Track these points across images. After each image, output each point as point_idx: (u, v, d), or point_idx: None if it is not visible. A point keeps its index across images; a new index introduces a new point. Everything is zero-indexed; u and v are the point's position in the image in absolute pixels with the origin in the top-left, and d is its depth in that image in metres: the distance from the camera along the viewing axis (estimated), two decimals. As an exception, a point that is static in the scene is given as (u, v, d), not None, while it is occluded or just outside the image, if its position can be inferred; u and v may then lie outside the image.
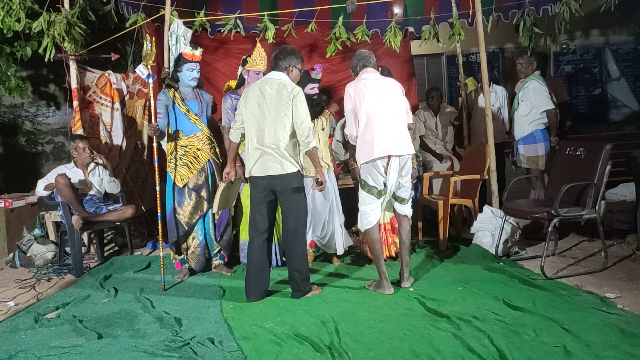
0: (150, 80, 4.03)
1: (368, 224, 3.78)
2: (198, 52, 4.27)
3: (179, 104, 4.24)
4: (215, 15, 5.51)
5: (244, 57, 4.43)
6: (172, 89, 4.28)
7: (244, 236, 4.45)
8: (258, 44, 4.40)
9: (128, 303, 3.79)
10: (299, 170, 3.66)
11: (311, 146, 3.61)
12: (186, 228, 4.27)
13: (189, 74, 4.25)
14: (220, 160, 4.50)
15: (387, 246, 4.36)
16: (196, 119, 4.28)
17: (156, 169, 4.10)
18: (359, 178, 3.84)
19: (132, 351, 2.85)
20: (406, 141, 3.75)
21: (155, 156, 4.09)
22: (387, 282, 3.76)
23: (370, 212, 3.77)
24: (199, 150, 4.28)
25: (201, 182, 4.28)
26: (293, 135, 3.62)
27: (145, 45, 4.01)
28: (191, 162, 4.25)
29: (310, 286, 3.80)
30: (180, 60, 4.26)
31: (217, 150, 4.45)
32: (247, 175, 3.72)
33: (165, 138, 4.28)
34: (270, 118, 3.60)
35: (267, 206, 3.71)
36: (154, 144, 4.16)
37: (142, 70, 4.04)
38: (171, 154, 4.28)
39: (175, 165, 4.25)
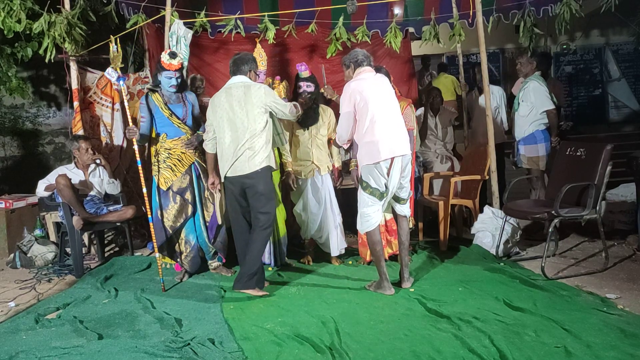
0: (121, 82, 4.04)
1: (370, 227, 3.75)
2: (176, 62, 4.13)
3: (161, 108, 4.18)
4: (216, 15, 5.51)
5: None
6: (155, 92, 4.23)
7: None
8: (258, 45, 4.39)
9: (128, 304, 3.79)
10: (269, 167, 3.78)
11: (295, 112, 3.92)
12: (171, 232, 4.25)
13: (167, 81, 4.17)
14: None
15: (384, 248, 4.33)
16: (180, 123, 4.21)
17: (140, 171, 4.07)
18: (359, 180, 3.82)
19: (132, 352, 2.85)
20: (406, 141, 3.75)
21: (138, 158, 4.06)
22: (387, 283, 3.75)
23: (372, 214, 3.74)
24: (183, 153, 4.24)
25: (185, 185, 4.23)
26: (265, 132, 3.76)
27: (111, 48, 3.96)
28: (175, 165, 4.22)
29: (254, 284, 3.78)
30: (159, 66, 4.18)
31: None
32: (222, 179, 3.85)
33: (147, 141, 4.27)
34: (243, 119, 3.71)
35: (242, 206, 3.83)
36: (135, 147, 4.10)
37: (111, 74, 3.99)
38: (155, 156, 4.26)
39: (159, 168, 4.22)
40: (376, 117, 3.64)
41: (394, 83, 4.45)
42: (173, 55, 4.16)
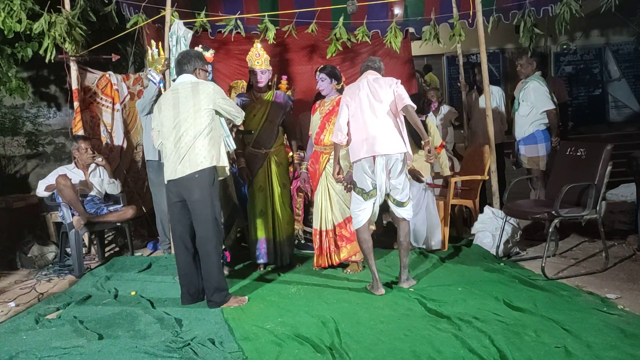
0: (162, 85, 4.08)
1: (356, 224, 3.84)
2: (209, 54, 4.24)
3: None
4: (216, 16, 5.52)
5: None
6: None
7: (258, 235, 4.42)
8: (255, 44, 4.39)
9: (129, 304, 3.79)
10: (213, 168, 3.58)
11: (238, 122, 3.85)
12: None
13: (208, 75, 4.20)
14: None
15: (329, 254, 4.30)
16: None
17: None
18: (351, 180, 3.86)
19: (132, 352, 2.85)
20: (393, 140, 3.70)
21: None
22: (377, 282, 3.76)
23: (359, 212, 3.81)
24: None
25: None
26: (210, 132, 3.58)
27: (150, 51, 4.03)
28: None
29: (227, 297, 3.65)
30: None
31: None
32: (166, 181, 3.68)
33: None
34: (188, 118, 3.55)
35: (184, 214, 3.65)
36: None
37: (154, 76, 4.14)
38: None
39: None
40: (358, 116, 3.74)
41: None
42: (206, 48, 4.27)
